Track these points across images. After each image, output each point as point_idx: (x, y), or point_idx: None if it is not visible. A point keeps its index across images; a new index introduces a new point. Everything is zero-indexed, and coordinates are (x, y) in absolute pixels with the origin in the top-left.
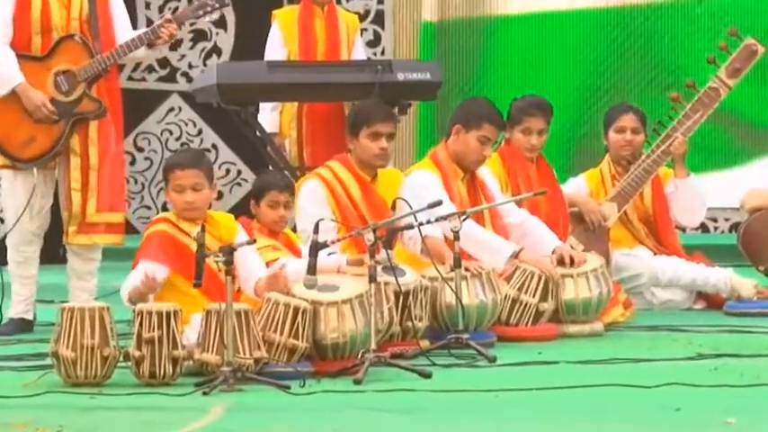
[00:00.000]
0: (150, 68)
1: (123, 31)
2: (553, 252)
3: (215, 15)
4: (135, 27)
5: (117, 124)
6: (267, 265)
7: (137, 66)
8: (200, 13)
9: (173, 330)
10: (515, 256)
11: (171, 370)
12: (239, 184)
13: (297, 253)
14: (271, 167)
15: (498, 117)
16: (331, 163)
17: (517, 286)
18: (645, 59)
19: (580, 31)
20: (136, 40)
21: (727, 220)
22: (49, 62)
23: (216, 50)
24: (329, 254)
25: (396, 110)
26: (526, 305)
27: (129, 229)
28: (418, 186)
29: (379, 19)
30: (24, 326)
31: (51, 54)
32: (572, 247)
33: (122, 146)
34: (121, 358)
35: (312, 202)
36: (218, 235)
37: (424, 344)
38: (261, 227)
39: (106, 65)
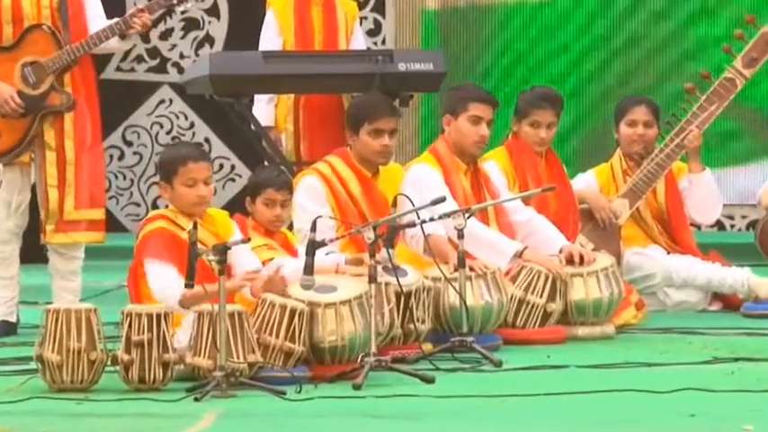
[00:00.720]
0: (140, 59)
1: (96, 20)
2: (560, 251)
3: (189, 5)
4: (125, 14)
5: (94, 115)
6: (262, 265)
7: (125, 56)
8: (174, 1)
9: (163, 333)
10: (519, 255)
11: (161, 374)
12: (233, 180)
13: (294, 253)
14: (266, 163)
15: (483, 94)
16: (330, 158)
17: (524, 286)
18: (657, 47)
19: (587, 19)
20: (107, 31)
21: (744, 217)
22: (16, 53)
23: (208, 40)
24: (327, 253)
25: (397, 102)
26: (533, 306)
27: (118, 226)
28: (418, 181)
29: (380, 6)
30: (7, 328)
31: (18, 45)
32: (581, 246)
33: (101, 138)
34: (109, 362)
35: (310, 199)
36: (215, 231)
37: (427, 347)
38: (256, 225)
39: (75, 56)
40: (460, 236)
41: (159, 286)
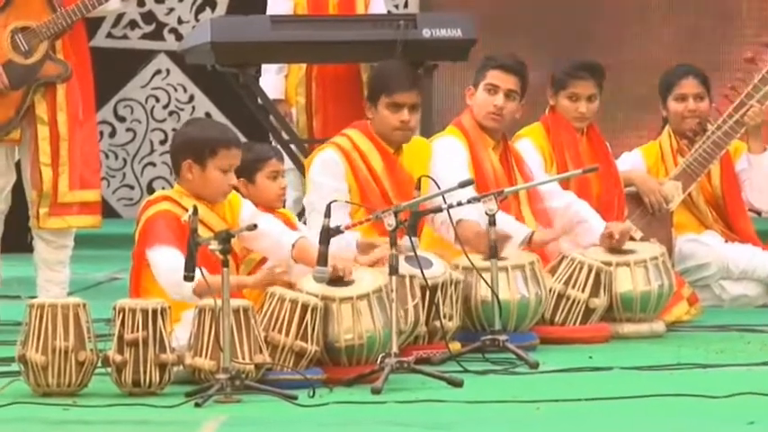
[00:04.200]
0: (133, 24)
1: None
2: (600, 241)
3: None
4: None
5: (86, 87)
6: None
7: (117, 21)
8: None
9: (160, 330)
10: (528, 241)
11: (157, 377)
12: None
13: None
14: (273, 141)
15: (507, 60)
16: (349, 131)
17: (564, 279)
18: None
19: None
20: None
21: None
22: (5, 18)
23: (210, 3)
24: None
25: (421, 72)
26: (574, 301)
27: (109, 212)
28: (442, 157)
29: None
30: None
31: (6, 8)
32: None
33: (94, 112)
34: (100, 363)
35: (327, 173)
36: (222, 213)
37: (455, 347)
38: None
39: (72, 20)
40: (492, 222)
41: (172, 276)
